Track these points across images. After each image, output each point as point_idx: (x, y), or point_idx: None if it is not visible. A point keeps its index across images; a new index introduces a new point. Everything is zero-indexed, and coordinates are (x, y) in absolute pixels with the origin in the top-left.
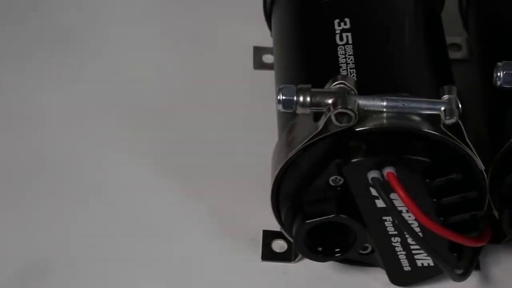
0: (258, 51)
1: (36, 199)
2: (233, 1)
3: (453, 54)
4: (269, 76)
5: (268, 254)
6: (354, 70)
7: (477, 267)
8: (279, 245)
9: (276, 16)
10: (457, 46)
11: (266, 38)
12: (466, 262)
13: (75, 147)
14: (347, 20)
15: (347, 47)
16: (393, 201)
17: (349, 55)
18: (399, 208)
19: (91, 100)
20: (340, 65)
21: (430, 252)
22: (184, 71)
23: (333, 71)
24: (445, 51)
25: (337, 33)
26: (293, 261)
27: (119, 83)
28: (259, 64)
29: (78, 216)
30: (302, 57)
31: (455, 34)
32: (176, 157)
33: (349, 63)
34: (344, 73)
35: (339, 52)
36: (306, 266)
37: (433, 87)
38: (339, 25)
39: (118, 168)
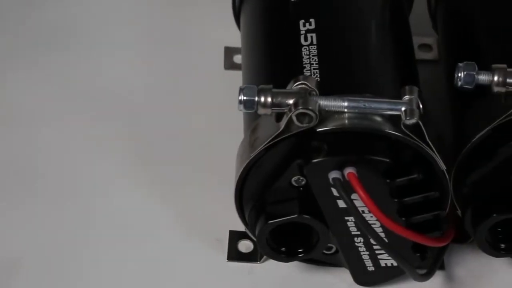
0: (229, 52)
1: (9, 196)
2: (205, 1)
3: (424, 55)
4: (240, 77)
5: (234, 255)
6: (317, 70)
7: (442, 267)
8: (245, 246)
9: (244, 16)
10: (428, 47)
11: (238, 39)
12: (430, 262)
13: (47, 146)
14: (312, 20)
15: (311, 47)
16: (355, 201)
17: (313, 55)
18: (361, 209)
19: (64, 100)
20: (304, 65)
21: (390, 253)
22: (155, 71)
23: (297, 72)
24: (411, 52)
25: (302, 34)
26: (259, 261)
27: (91, 82)
28: (229, 65)
29: (49, 216)
30: (267, 57)
31: (427, 35)
32: (144, 157)
33: (312, 64)
34: (307, 73)
35: (303, 53)
36: (271, 267)
37: (397, 87)
38: (304, 26)
39: (87, 168)
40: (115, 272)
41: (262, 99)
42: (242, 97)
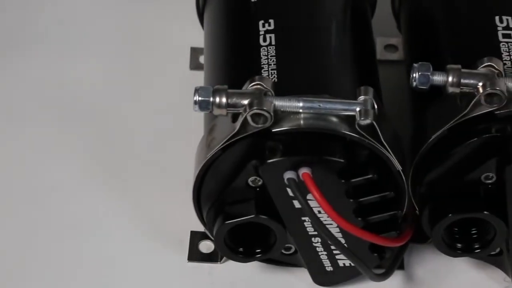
0: (195, 52)
1: None
2: (171, 1)
3: (390, 55)
4: None
5: (195, 255)
6: (275, 71)
7: (401, 267)
8: (206, 246)
9: (207, 16)
10: (394, 47)
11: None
12: (390, 261)
13: (3, 146)
14: (271, 21)
15: (270, 48)
16: (311, 201)
17: (271, 56)
18: (317, 209)
19: (22, 99)
20: (262, 66)
21: (345, 253)
22: (120, 71)
23: (255, 72)
24: (372, 54)
25: (261, 34)
26: (219, 262)
27: (52, 82)
28: (195, 65)
29: (5, 214)
30: (227, 58)
31: (393, 35)
32: (106, 157)
33: (270, 64)
34: (265, 74)
35: (261, 53)
36: (231, 267)
37: (355, 88)
38: (263, 26)
39: (47, 168)
40: (74, 272)
41: (217, 99)
42: (197, 98)
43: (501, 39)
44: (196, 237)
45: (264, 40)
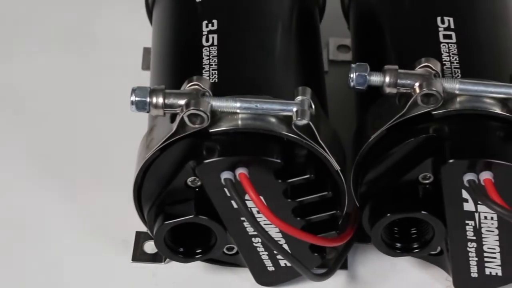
0: (148, 52)
1: None
2: (125, 0)
3: (343, 56)
4: None
5: (139, 255)
6: (216, 71)
7: (345, 267)
8: (151, 246)
9: (155, 15)
10: (346, 48)
11: None
12: (332, 261)
13: None
14: (214, 21)
15: (212, 48)
16: (249, 202)
17: (213, 56)
18: (256, 209)
19: None
20: (203, 66)
21: (282, 253)
22: (71, 70)
23: (196, 73)
24: (317, 54)
25: (204, 34)
26: (163, 262)
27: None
28: (147, 65)
29: None
30: (171, 57)
31: (346, 36)
32: (52, 157)
33: (212, 65)
34: (206, 74)
35: (203, 54)
36: (176, 267)
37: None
38: (207, 27)
39: None
40: (16, 272)
41: (154, 100)
42: (133, 98)
43: (441, 39)
44: (141, 237)
45: (207, 41)
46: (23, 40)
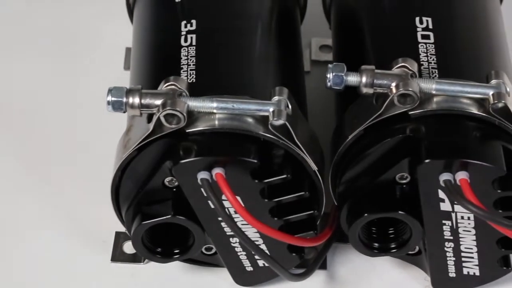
0: (130, 52)
1: None
2: (107, 0)
3: (325, 56)
4: None
5: (118, 256)
6: (194, 71)
7: (324, 266)
8: (130, 247)
9: (135, 15)
10: (329, 48)
11: None
12: (312, 261)
13: None
14: (193, 21)
15: (190, 48)
16: (226, 202)
17: (191, 56)
18: (233, 210)
19: None
20: (182, 66)
21: (258, 253)
22: (53, 71)
23: (175, 73)
24: (296, 55)
25: (183, 35)
26: (143, 262)
27: None
28: (129, 65)
29: None
30: (150, 57)
31: (328, 36)
32: (32, 156)
33: (190, 65)
34: (184, 74)
35: (182, 54)
36: (155, 268)
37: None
38: (185, 27)
39: None
40: None
41: (130, 100)
42: (110, 98)
43: (419, 40)
44: (120, 237)
45: (185, 41)
46: (8, 41)
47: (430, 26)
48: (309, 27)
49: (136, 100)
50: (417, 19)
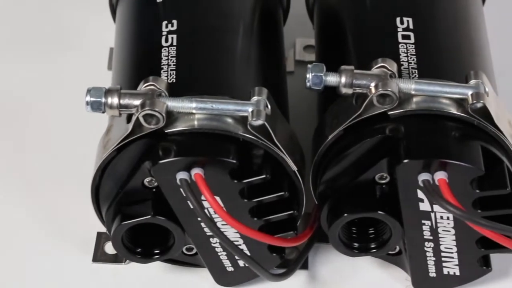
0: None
1: None
2: (92, 0)
3: (308, 56)
4: None
5: (100, 256)
6: (174, 72)
7: (305, 266)
8: (112, 247)
9: (117, 15)
10: (313, 48)
11: None
12: (293, 261)
13: None
14: (174, 22)
15: (171, 48)
16: (205, 202)
17: (171, 56)
18: (212, 210)
19: None
20: (162, 66)
21: (237, 253)
22: (37, 71)
23: (155, 73)
24: (278, 55)
25: (164, 35)
26: (124, 263)
27: None
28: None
29: None
30: (131, 58)
31: (312, 36)
32: (13, 157)
33: (170, 65)
34: (164, 74)
35: (162, 54)
36: (136, 268)
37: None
38: (166, 27)
39: None
40: None
41: (109, 100)
42: (88, 99)
43: (400, 40)
44: (102, 237)
45: (166, 41)
46: None
47: (411, 27)
48: (293, 28)
49: (115, 100)
50: (398, 19)
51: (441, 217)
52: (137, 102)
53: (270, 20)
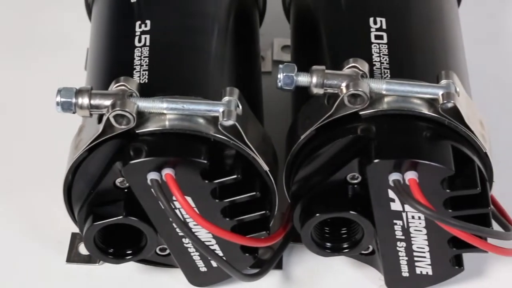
0: None
1: None
2: (72, 1)
3: (286, 56)
4: None
5: (74, 257)
6: (146, 72)
7: (279, 266)
8: None
9: (92, 16)
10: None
11: None
12: (267, 261)
13: None
14: (148, 22)
15: (144, 49)
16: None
17: (144, 57)
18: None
19: None
20: (135, 67)
21: (208, 254)
22: (16, 71)
23: (127, 73)
24: (253, 56)
25: (137, 35)
26: (98, 263)
27: None
28: None
29: None
30: (104, 58)
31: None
32: None
33: (143, 65)
34: (137, 75)
35: (135, 54)
36: (110, 269)
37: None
38: (140, 27)
39: None
40: None
41: (80, 100)
42: (59, 99)
43: (373, 40)
44: (76, 238)
45: (139, 41)
46: None
47: (384, 27)
48: (271, 28)
49: (85, 100)
50: (371, 19)
51: (413, 217)
52: (107, 102)
53: (245, 21)
